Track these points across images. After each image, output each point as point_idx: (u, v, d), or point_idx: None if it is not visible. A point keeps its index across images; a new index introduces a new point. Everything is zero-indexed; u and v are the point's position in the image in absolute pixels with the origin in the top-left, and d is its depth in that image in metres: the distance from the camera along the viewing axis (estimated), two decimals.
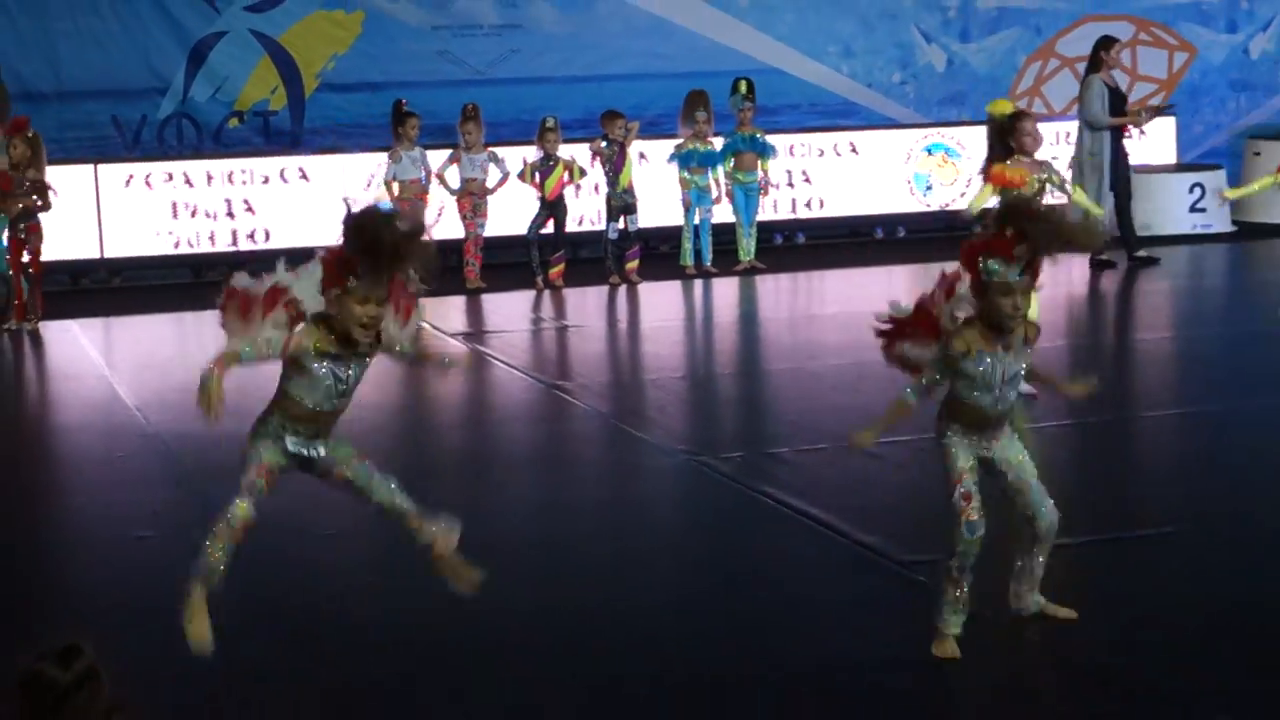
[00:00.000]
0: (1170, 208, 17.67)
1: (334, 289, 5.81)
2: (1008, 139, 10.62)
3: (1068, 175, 16.02)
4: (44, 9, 16.98)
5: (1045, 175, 10.57)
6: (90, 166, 16.58)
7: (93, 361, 13.31)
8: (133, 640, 6.63)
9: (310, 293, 6.01)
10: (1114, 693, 5.97)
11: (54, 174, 16.14)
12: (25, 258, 14.46)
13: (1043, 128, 18.72)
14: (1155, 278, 15.85)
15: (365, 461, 6.34)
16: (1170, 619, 6.80)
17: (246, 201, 16.81)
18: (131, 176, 16.68)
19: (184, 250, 16.83)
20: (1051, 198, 10.58)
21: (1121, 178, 16.23)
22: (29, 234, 14.46)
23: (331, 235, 5.75)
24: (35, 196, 14.48)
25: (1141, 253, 16.16)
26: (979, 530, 6.02)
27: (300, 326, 5.96)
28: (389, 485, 6.29)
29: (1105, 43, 16.63)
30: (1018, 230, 5.85)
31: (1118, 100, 16.23)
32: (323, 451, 6.26)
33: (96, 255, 16.61)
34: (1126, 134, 16.47)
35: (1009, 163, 10.49)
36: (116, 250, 16.68)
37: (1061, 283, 15.76)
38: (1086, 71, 16.67)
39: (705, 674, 6.28)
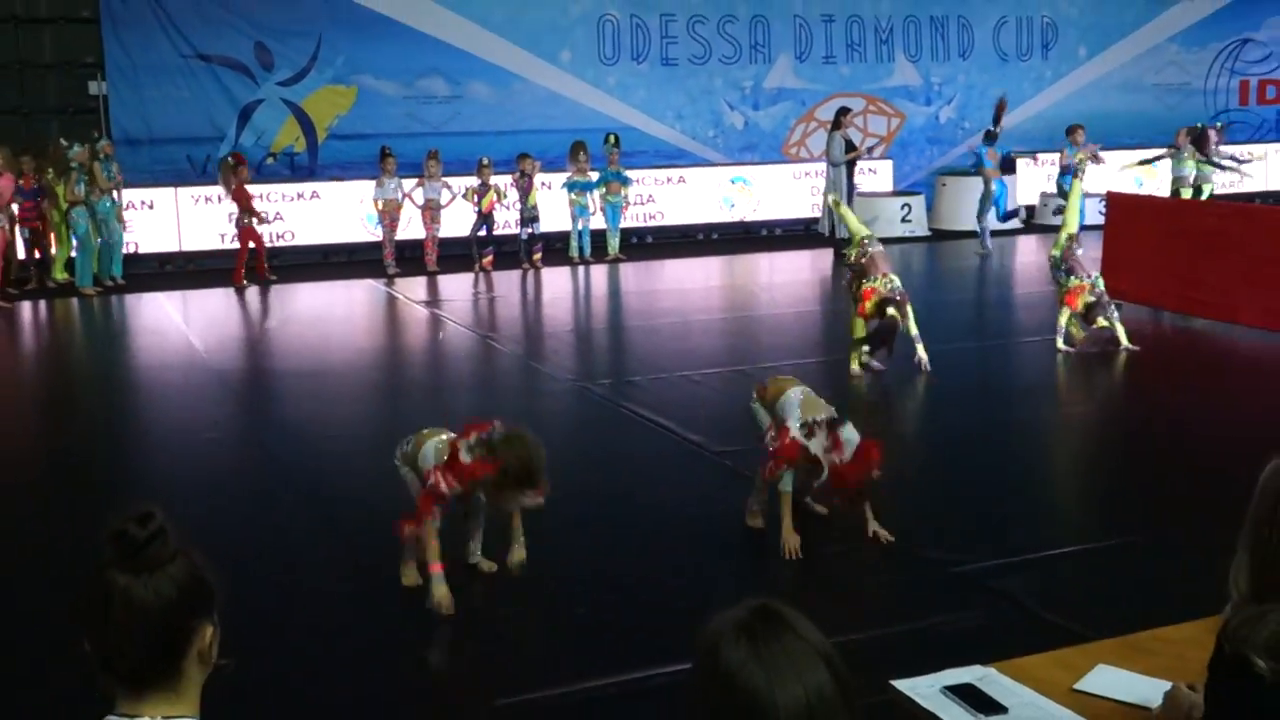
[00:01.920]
0: (888, 219, 17.80)
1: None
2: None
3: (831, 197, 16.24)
4: (139, 82, 16.49)
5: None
6: (172, 189, 16.27)
7: (174, 321, 13.05)
8: (200, 507, 6.52)
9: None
10: (842, 532, 6.00)
11: (147, 194, 15.92)
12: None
13: (806, 166, 19.03)
14: None
15: None
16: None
17: (279, 213, 16.46)
18: (200, 196, 16.32)
19: (235, 246, 16.39)
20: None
21: (849, 199, 16.42)
22: (257, 223, 15.22)
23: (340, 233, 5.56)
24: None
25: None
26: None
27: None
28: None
29: (843, 111, 16.83)
30: None
31: (850, 148, 16.41)
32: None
33: (176, 249, 16.29)
34: (858, 171, 16.67)
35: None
36: (191, 245, 16.34)
37: (816, 268, 15.92)
38: (830, 130, 16.87)
39: (585, 523, 6.28)
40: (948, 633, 4.84)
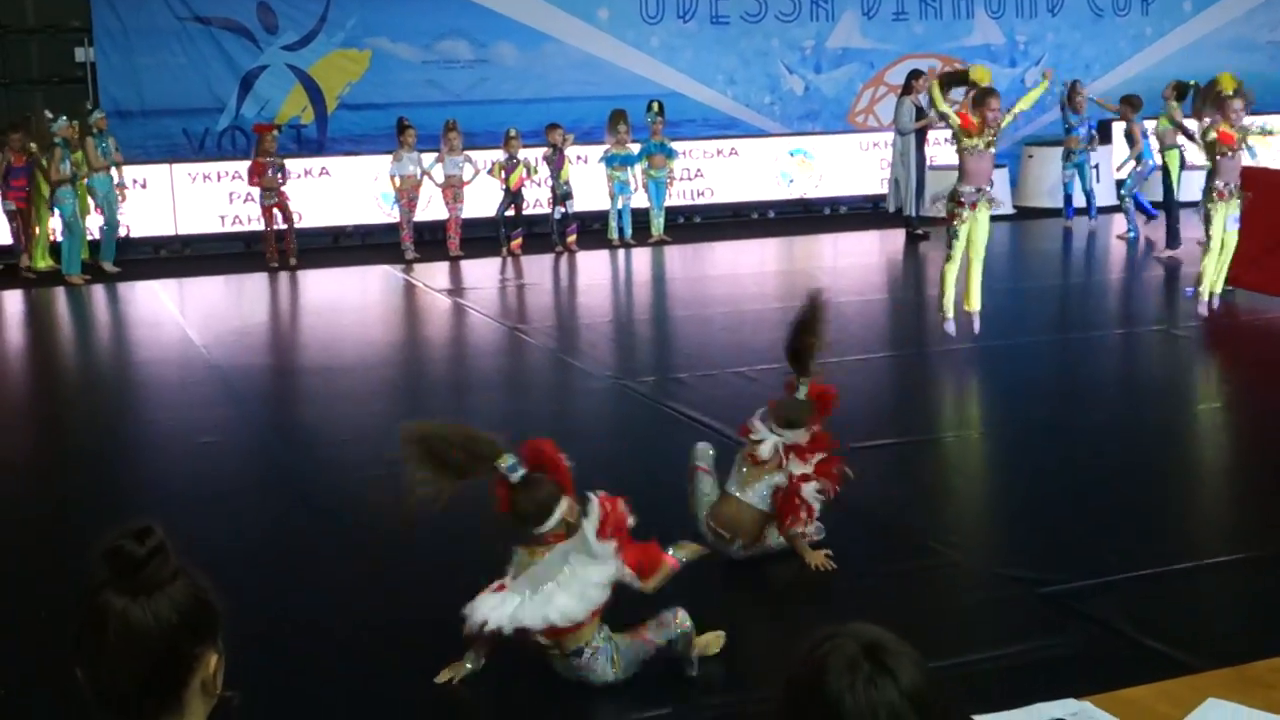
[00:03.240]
0: None
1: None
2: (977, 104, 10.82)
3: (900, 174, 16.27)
4: (130, 47, 16.68)
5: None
6: (167, 166, 16.46)
7: (169, 311, 13.17)
8: (199, 518, 6.57)
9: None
10: (915, 547, 5.99)
11: (140, 172, 16.06)
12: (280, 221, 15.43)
13: (874, 136, 18.95)
14: None
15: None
16: (968, 499, 6.83)
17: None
18: (198, 174, 16.50)
19: (237, 228, 16.67)
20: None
21: (920, 171, 16.39)
22: (280, 201, 15.32)
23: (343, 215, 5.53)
24: (280, 175, 15.38)
25: (918, 231, 16.22)
26: None
27: None
28: None
29: (914, 74, 16.72)
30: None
31: (921, 116, 16.35)
32: None
33: (172, 232, 16.46)
34: (931, 141, 16.63)
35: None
36: (187, 228, 16.52)
37: (885, 250, 15.87)
38: (900, 95, 16.80)
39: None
40: (1035, 662, 4.81)
